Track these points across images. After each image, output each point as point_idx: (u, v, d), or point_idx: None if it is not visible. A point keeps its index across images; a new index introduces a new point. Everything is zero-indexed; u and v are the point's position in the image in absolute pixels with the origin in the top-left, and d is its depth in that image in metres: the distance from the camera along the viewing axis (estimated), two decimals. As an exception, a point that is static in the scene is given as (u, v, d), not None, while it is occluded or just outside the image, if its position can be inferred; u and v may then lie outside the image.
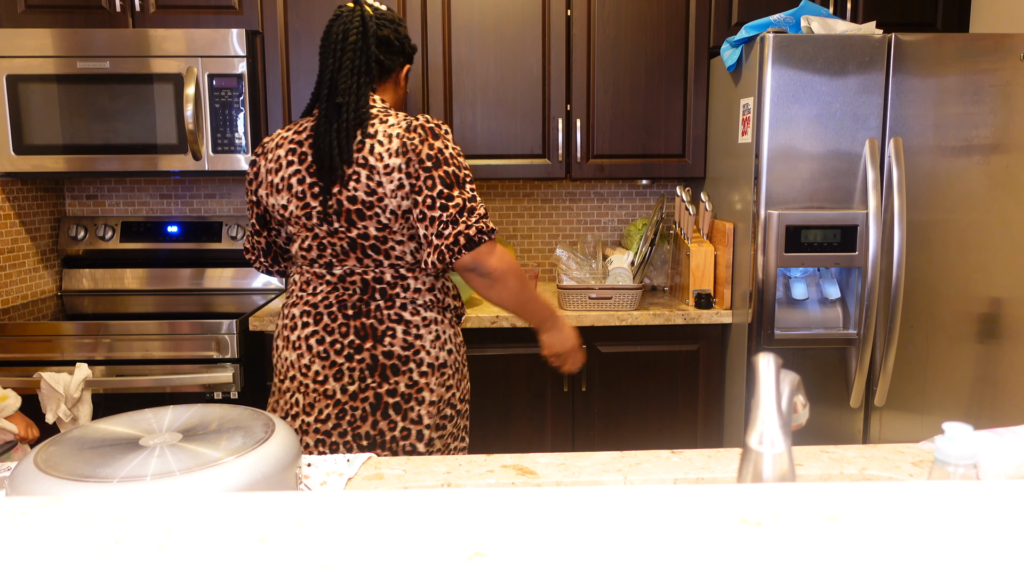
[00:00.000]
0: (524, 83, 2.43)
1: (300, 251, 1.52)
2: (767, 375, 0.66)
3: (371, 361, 1.47)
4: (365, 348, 1.47)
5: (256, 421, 0.86)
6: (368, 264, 1.48)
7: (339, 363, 1.47)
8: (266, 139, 1.57)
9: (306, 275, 1.53)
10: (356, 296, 1.48)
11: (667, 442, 2.36)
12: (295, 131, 1.52)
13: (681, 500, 0.46)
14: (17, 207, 2.48)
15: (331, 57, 1.48)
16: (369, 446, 1.48)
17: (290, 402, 1.52)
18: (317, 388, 1.48)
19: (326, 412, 1.48)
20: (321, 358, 1.48)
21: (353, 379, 1.47)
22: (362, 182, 1.43)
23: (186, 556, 0.40)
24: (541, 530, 0.42)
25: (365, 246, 1.47)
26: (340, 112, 1.44)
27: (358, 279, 1.49)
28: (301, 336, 1.50)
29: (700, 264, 2.31)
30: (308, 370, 1.49)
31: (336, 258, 1.49)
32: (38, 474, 0.73)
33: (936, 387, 2.16)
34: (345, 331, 1.47)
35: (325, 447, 1.49)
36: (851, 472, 1.09)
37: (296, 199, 1.48)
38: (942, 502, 0.45)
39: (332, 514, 0.45)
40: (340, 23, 1.49)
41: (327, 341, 1.48)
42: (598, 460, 1.13)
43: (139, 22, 2.34)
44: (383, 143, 1.43)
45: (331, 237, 1.47)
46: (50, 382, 2.07)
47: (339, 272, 1.50)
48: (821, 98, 2.02)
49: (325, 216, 1.46)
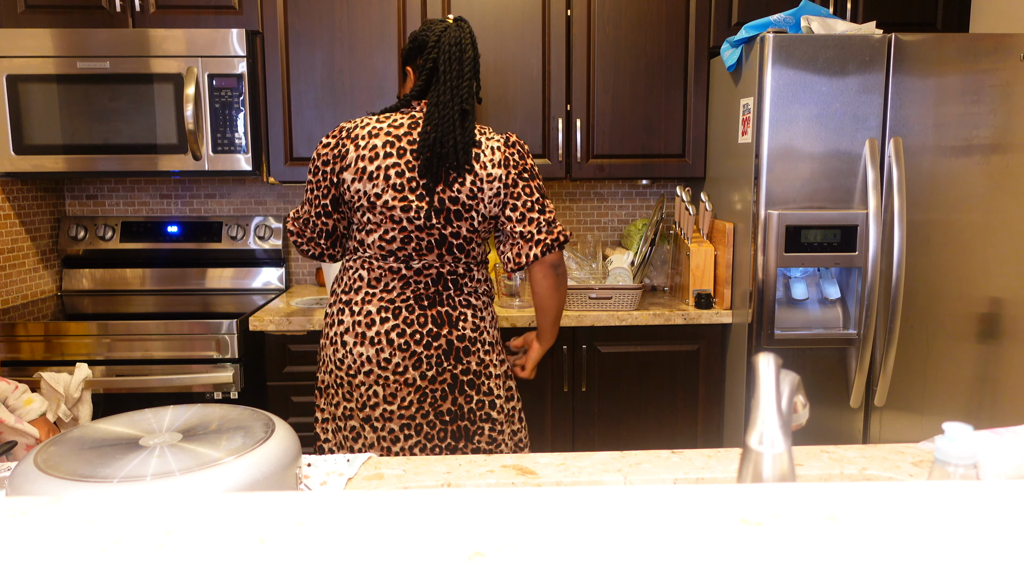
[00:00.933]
0: (524, 83, 2.43)
1: (380, 241, 1.59)
2: (767, 375, 0.66)
3: (447, 346, 1.60)
4: (442, 335, 1.60)
5: (256, 421, 0.86)
6: (447, 260, 1.60)
7: (418, 352, 1.59)
8: (347, 124, 1.61)
9: (377, 271, 1.60)
10: (431, 288, 1.60)
11: (667, 442, 2.36)
12: (390, 124, 1.59)
13: (681, 500, 0.46)
14: (17, 207, 2.48)
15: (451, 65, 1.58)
16: (451, 419, 1.62)
17: (367, 395, 1.60)
18: (398, 379, 1.59)
19: (409, 399, 1.60)
20: (402, 350, 1.59)
21: (431, 364, 1.60)
22: (466, 186, 1.56)
23: (186, 556, 0.40)
24: (541, 530, 0.42)
25: (453, 244, 1.59)
26: (465, 119, 1.57)
27: (434, 272, 1.60)
28: (380, 332, 1.58)
29: (700, 264, 2.31)
30: (388, 363, 1.59)
31: (418, 252, 1.59)
32: (38, 474, 0.73)
33: (936, 387, 2.16)
34: (423, 321, 1.59)
35: (411, 429, 1.62)
36: (851, 472, 1.09)
37: (394, 190, 1.55)
38: (942, 502, 0.45)
39: (332, 514, 0.45)
40: (450, 35, 1.60)
41: (407, 334, 1.59)
42: (598, 460, 1.13)
43: (139, 22, 2.34)
44: (487, 154, 1.59)
45: (420, 232, 1.57)
46: (50, 382, 2.07)
47: (416, 266, 1.60)
48: (821, 98, 2.02)
49: (425, 212, 1.55)
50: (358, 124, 1.60)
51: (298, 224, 1.67)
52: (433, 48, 1.60)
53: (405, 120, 1.60)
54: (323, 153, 1.60)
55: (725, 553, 0.40)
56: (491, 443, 1.67)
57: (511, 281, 2.31)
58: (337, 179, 1.59)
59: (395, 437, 1.61)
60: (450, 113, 1.55)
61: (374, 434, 1.61)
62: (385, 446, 1.62)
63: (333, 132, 1.62)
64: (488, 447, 1.66)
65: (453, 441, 1.64)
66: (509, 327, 2.24)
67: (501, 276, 2.33)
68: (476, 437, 1.65)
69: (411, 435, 1.61)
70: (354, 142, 1.57)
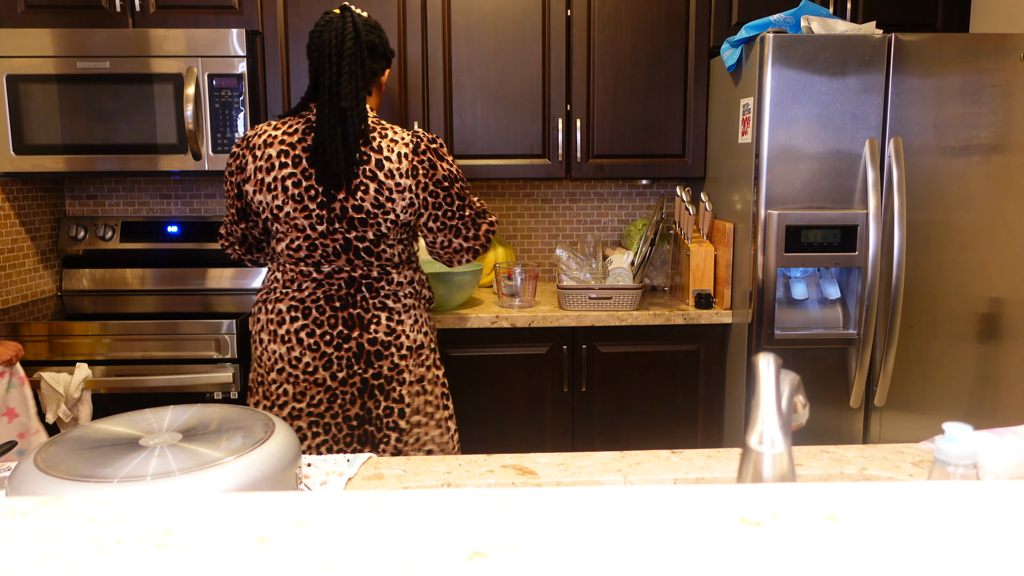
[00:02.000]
0: (524, 83, 2.43)
1: (287, 250, 1.57)
2: (767, 375, 0.66)
3: (357, 349, 1.57)
4: (352, 337, 1.57)
5: (256, 421, 0.86)
6: (358, 264, 1.57)
7: (328, 353, 1.56)
8: (249, 132, 1.58)
9: (290, 273, 1.58)
10: (343, 291, 1.57)
11: (667, 442, 2.36)
12: (284, 131, 1.54)
13: (681, 500, 0.46)
14: (17, 207, 2.48)
15: (328, 62, 1.51)
16: (358, 424, 1.59)
17: (277, 392, 1.59)
18: (307, 378, 1.57)
19: (318, 398, 1.58)
20: (312, 350, 1.56)
21: (341, 366, 1.57)
22: (370, 194, 1.52)
23: (186, 556, 0.40)
24: (541, 530, 0.43)
25: (359, 248, 1.55)
26: (344, 119, 1.49)
27: (345, 275, 1.57)
28: (290, 330, 1.56)
29: (700, 264, 2.31)
30: (299, 362, 1.57)
31: (326, 258, 1.56)
32: (38, 474, 0.73)
33: (936, 387, 2.16)
34: (334, 323, 1.56)
35: (319, 427, 1.59)
36: (851, 472, 1.09)
37: (293, 201, 1.52)
38: (942, 502, 0.45)
39: (332, 514, 0.45)
40: (331, 29, 1.52)
41: (317, 334, 1.56)
42: (598, 460, 1.13)
43: (139, 22, 2.34)
44: (392, 160, 1.53)
45: (324, 239, 1.54)
46: (50, 382, 2.07)
47: (327, 270, 1.57)
48: (821, 98, 2.02)
49: (328, 219, 1.52)
50: (257, 132, 1.57)
51: (224, 228, 1.69)
52: (312, 47, 1.55)
53: (300, 125, 1.55)
54: (229, 163, 1.59)
55: (725, 553, 0.40)
56: (396, 453, 1.61)
57: (511, 281, 2.31)
58: (239, 190, 1.58)
59: (303, 435, 1.59)
60: (330, 116, 1.50)
61: None
62: None
63: (239, 141, 1.59)
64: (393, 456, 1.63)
65: (359, 445, 1.60)
66: (509, 327, 2.24)
67: (501, 276, 2.33)
68: (382, 445, 1.61)
69: (319, 433, 1.59)
70: (252, 152, 1.54)
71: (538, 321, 2.23)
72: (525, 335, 2.26)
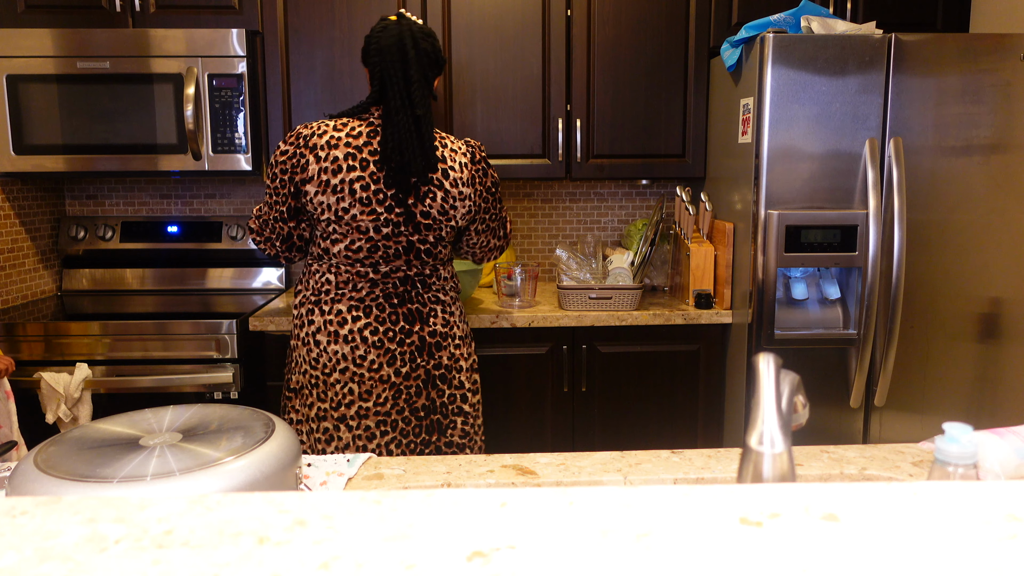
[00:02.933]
0: (524, 83, 2.44)
1: (347, 251, 1.58)
2: (767, 375, 0.66)
3: (419, 342, 1.62)
4: (414, 332, 1.62)
5: (256, 421, 0.86)
6: (415, 264, 1.62)
7: (392, 349, 1.61)
8: (304, 131, 1.56)
9: (345, 275, 1.60)
10: (399, 288, 1.61)
11: (667, 442, 2.36)
12: (348, 133, 1.55)
13: (681, 500, 0.46)
14: (17, 207, 2.48)
15: (397, 68, 1.55)
16: (425, 415, 1.64)
17: (342, 392, 1.61)
18: (373, 376, 1.60)
19: (384, 395, 1.61)
20: (376, 347, 1.60)
21: (405, 361, 1.61)
22: (437, 201, 1.58)
23: (186, 556, 0.40)
24: (541, 530, 0.43)
25: (420, 250, 1.60)
26: (420, 125, 1.54)
27: (401, 274, 1.61)
28: (354, 330, 1.59)
29: (700, 264, 2.31)
30: (363, 360, 1.60)
31: (385, 259, 1.59)
32: (38, 474, 0.73)
33: (936, 387, 2.16)
34: (395, 319, 1.61)
35: (387, 426, 1.62)
36: (851, 472, 1.09)
37: (361, 205, 1.54)
38: (942, 502, 0.45)
39: (332, 514, 0.45)
40: (390, 36, 1.56)
41: (380, 331, 1.60)
42: (598, 460, 1.13)
43: (139, 22, 2.34)
44: (455, 170, 1.60)
45: (387, 241, 1.57)
46: (50, 382, 2.07)
47: (384, 270, 1.60)
48: (821, 98, 2.02)
49: (395, 224, 1.56)
50: (315, 131, 1.56)
51: (258, 223, 1.67)
52: (374, 53, 1.57)
53: (364, 128, 1.57)
54: (281, 161, 1.56)
55: (725, 553, 0.40)
56: (463, 436, 1.68)
57: (511, 281, 2.31)
58: (296, 189, 1.56)
59: (371, 435, 1.61)
60: (405, 121, 1.53)
61: (349, 433, 1.60)
62: (360, 444, 1.61)
63: (290, 138, 1.57)
64: (461, 440, 1.68)
65: (427, 435, 1.64)
66: (509, 327, 2.24)
67: (501, 276, 2.33)
68: (449, 431, 1.67)
69: (387, 431, 1.62)
70: (313, 152, 1.54)
71: (538, 321, 2.23)
72: (525, 335, 2.26)
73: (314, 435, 1.63)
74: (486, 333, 2.26)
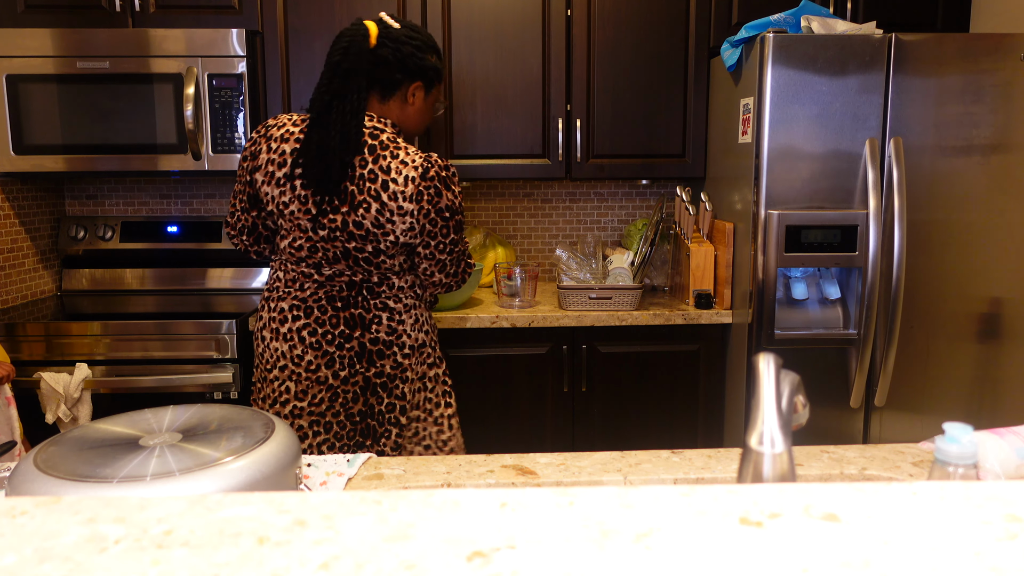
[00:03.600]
0: (524, 83, 2.43)
1: (290, 248, 1.57)
2: (767, 375, 0.66)
3: (359, 348, 1.57)
4: (354, 337, 1.57)
5: (256, 421, 0.86)
6: (358, 270, 1.57)
7: (331, 352, 1.57)
8: (271, 121, 1.57)
9: (292, 273, 1.58)
10: (344, 292, 1.57)
11: (667, 442, 2.36)
12: (301, 129, 1.54)
13: (681, 500, 0.46)
14: (17, 207, 2.48)
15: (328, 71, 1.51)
16: (360, 419, 1.60)
17: (279, 390, 1.59)
18: (310, 376, 1.58)
19: (320, 396, 1.58)
20: (314, 348, 1.57)
21: (343, 365, 1.58)
22: (371, 213, 1.50)
23: (186, 556, 0.40)
24: (541, 530, 0.42)
25: (359, 258, 1.55)
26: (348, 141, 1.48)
27: (346, 279, 1.57)
28: (293, 329, 1.57)
29: (700, 264, 2.31)
30: (301, 360, 1.57)
31: (327, 261, 1.56)
32: (38, 474, 0.73)
33: (936, 387, 2.16)
34: (335, 322, 1.57)
35: (320, 427, 1.60)
36: (851, 472, 1.09)
37: (299, 202, 1.52)
38: (942, 502, 0.45)
39: (332, 514, 0.45)
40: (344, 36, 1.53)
41: (319, 333, 1.57)
42: (598, 460, 1.13)
43: (139, 22, 2.34)
44: (398, 182, 1.50)
45: (325, 243, 1.54)
46: (50, 382, 2.07)
47: (327, 273, 1.57)
48: (821, 98, 2.02)
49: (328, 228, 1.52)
50: (276, 123, 1.56)
51: (232, 218, 1.67)
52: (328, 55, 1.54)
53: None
54: (246, 147, 1.58)
55: (725, 553, 0.40)
56: (396, 448, 1.63)
57: (511, 281, 2.31)
58: (251, 178, 1.57)
59: (303, 434, 1.59)
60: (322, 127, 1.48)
61: None
62: None
63: (259, 128, 1.58)
64: (393, 452, 1.63)
65: (361, 439, 1.62)
66: (509, 327, 2.24)
67: (501, 276, 2.33)
68: (383, 439, 1.62)
69: (319, 432, 1.59)
70: (267, 142, 1.53)
71: (538, 321, 2.23)
72: (525, 335, 2.26)
73: None
74: (486, 333, 2.26)
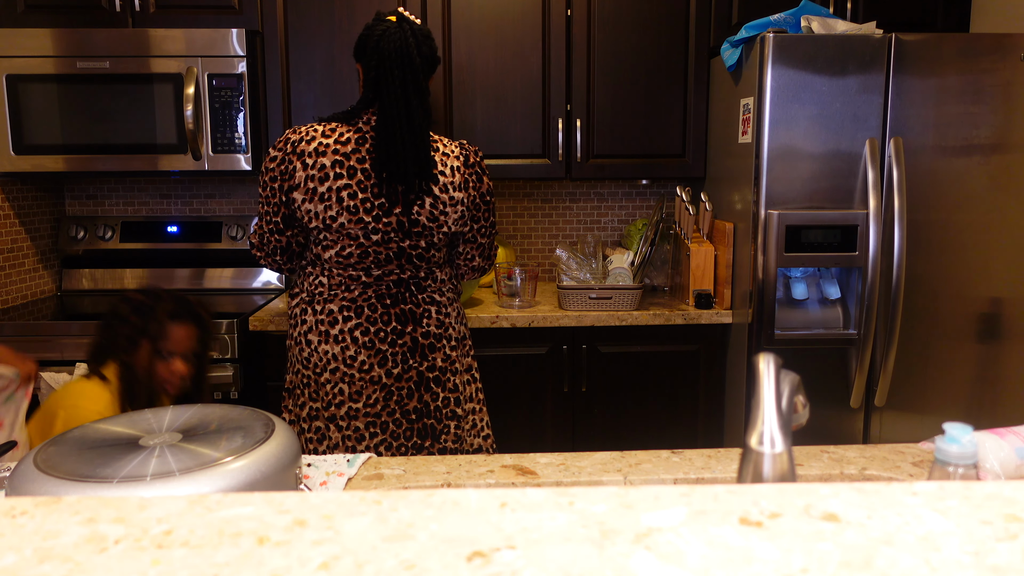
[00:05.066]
0: (524, 83, 2.43)
1: (337, 257, 1.56)
2: (767, 375, 0.66)
3: (411, 343, 1.59)
4: (406, 332, 1.59)
5: (256, 421, 0.86)
6: (407, 268, 1.59)
7: (383, 350, 1.58)
8: (293, 136, 1.53)
9: (337, 277, 1.57)
10: (393, 290, 1.59)
11: (667, 442, 2.36)
12: (336, 140, 1.52)
13: (681, 500, 0.46)
14: (17, 207, 2.48)
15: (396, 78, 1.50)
16: (416, 418, 1.61)
17: (332, 392, 1.59)
18: (363, 376, 1.58)
19: (374, 396, 1.59)
20: (367, 348, 1.57)
21: (396, 362, 1.58)
22: (426, 208, 1.54)
23: (186, 556, 0.40)
24: (541, 530, 0.42)
25: (412, 255, 1.57)
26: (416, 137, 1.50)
27: (394, 277, 1.59)
28: (344, 330, 1.57)
29: (700, 264, 2.31)
30: (353, 361, 1.57)
31: (377, 264, 1.57)
32: (38, 474, 0.73)
33: (936, 387, 2.16)
34: (387, 319, 1.58)
35: (376, 427, 1.59)
36: (851, 472, 1.09)
37: (348, 213, 1.51)
38: (942, 502, 0.45)
39: (332, 514, 0.45)
40: (390, 40, 1.50)
41: (371, 331, 1.57)
42: (598, 460, 1.13)
43: (139, 22, 2.34)
44: (446, 175, 1.55)
45: (378, 247, 1.55)
46: (50, 382, 2.07)
47: (376, 274, 1.58)
48: (821, 98, 2.02)
49: (383, 231, 1.53)
50: (303, 137, 1.52)
51: (258, 239, 1.64)
52: (373, 55, 1.51)
53: (352, 135, 1.52)
54: (271, 168, 1.53)
55: (725, 553, 0.40)
56: (456, 441, 1.64)
57: (511, 281, 2.31)
58: (286, 198, 1.54)
59: (360, 436, 1.59)
60: (400, 132, 1.49)
61: (339, 433, 1.59)
62: (350, 445, 1.59)
63: (279, 143, 1.54)
64: (454, 446, 1.64)
65: (419, 439, 1.61)
66: (509, 327, 2.24)
67: (501, 276, 2.33)
68: (443, 436, 1.63)
69: (376, 433, 1.59)
70: (301, 159, 1.51)
71: (538, 321, 2.23)
72: (525, 335, 2.26)
73: (306, 435, 1.62)
74: (486, 333, 2.26)
